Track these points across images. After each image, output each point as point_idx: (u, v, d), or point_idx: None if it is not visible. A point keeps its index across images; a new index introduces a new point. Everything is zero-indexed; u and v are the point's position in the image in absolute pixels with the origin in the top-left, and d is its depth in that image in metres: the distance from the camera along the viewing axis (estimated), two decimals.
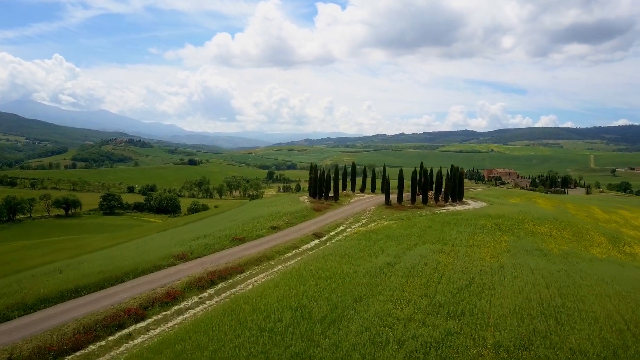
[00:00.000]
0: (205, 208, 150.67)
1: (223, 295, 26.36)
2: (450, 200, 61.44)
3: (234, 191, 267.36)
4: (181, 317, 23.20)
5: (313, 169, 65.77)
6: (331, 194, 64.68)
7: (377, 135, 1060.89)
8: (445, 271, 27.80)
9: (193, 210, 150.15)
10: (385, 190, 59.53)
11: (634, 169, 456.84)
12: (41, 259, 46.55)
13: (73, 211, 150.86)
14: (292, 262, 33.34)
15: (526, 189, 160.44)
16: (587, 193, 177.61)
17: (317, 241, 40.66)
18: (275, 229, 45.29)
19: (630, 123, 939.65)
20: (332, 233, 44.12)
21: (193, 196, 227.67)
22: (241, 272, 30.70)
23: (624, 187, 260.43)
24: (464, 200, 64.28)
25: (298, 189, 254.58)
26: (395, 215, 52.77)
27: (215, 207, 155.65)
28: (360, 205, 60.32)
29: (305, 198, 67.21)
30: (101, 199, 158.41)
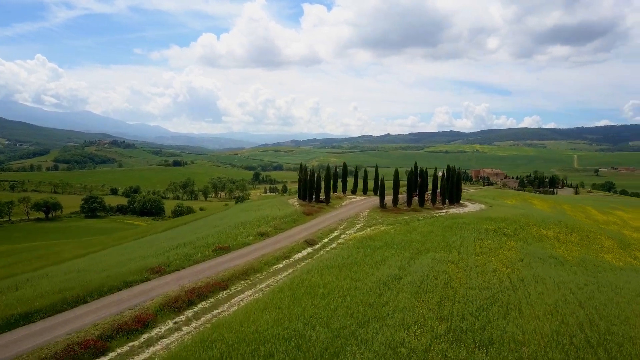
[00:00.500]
0: (190, 210, 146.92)
1: (203, 318, 22.41)
2: (447, 202, 58.24)
3: (219, 193, 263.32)
4: (151, 349, 19.21)
5: (303, 169, 62.00)
6: (322, 196, 60.98)
7: (363, 136, 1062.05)
8: (459, 286, 24.29)
9: (177, 212, 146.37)
10: (380, 192, 56.04)
11: (616, 168, 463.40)
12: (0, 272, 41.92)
13: (54, 214, 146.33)
14: (282, 275, 29.51)
15: (515, 189, 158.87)
16: (576, 193, 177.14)
17: (309, 250, 36.88)
18: (263, 235, 41.38)
19: (612, 124, 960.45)
20: (326, 240, 40.38)
21: (178, 198, 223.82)
22: (225, 289, 26.77)
23: (608, 187, 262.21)
24: (461, 202, 61.15)
25: (285, 190, 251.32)
26: (392, 219, 49.27)
27: (201, 209, 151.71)
28: (354, 209, 56.71)
29: (294, 201, 63.37)
30: (83, 202, 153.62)
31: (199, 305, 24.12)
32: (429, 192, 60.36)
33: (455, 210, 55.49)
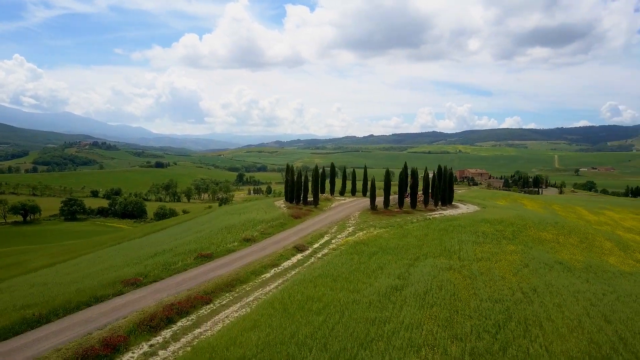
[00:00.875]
0: (172, 212, 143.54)
1: (183, 340, 19.71)
2: (440, 203, 56.30)
3: (202, 194, 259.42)
4: None
5: (289, 170, 59.40)
6: (310, 198, 58.47)
7: (347, 137, 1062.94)
8: (468, 298, 22.10)
9: (160, 214, 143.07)
10: (371, 193, 53.77)
11: (595, 168, 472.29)
12: None
13: (32, 217, 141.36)
14: (272, 286, 26.93)
15: (500, 189, 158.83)
16: (560, 193, 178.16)
17: (299, 256, 34.33)
18: (249, 241, 38.67)
19: (591, 124, 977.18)
20: (316, 245, 37.88)
21: (160, 200, 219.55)
22: (207, 303, 24.07)
23: (589, 187, 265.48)
24: (453, 203, 59.30)
25: (269, 191, 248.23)
26: (384, 222, 47.04)
27: (184, 211, 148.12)
28: (344, 211, 54.34)
29: (281, 203, 60.72)
30: (62, 204, 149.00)
31: (179, 324, 21.40)
32: (421, 193, 58.39)
33: (449, 211, 53.59)
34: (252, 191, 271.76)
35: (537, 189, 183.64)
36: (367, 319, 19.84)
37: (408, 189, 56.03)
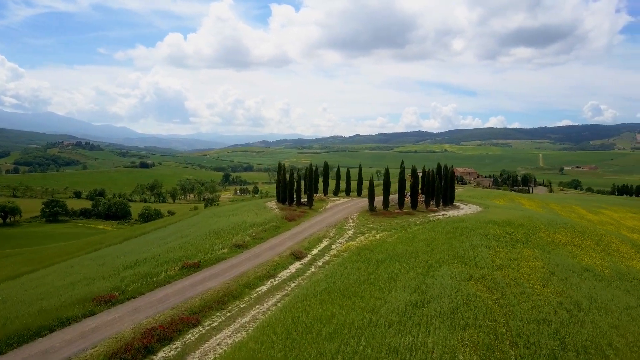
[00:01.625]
0: (157, 213, 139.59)
1: None
2: (442, 204, 53.20)
3: (188, 195, 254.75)
4: None
5: (281, 169, 55.66)
6: (304, 199, 54.85)
7: (333, 137, 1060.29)
8: (504, 317, 18.81)
9: (144, 215, 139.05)
10: (369, 193, 50.34)
11: (579, 167, 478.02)
12: None
13: (12, 219, 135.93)
14: (270, 302, 23.28)
15: (489, 188, 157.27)
16: (550, 191, 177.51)
17: (298, 265, 30.72)
18: (240, 247, 34.90)
19: (573, 123, 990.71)
20: (315, 251, 34.28)
21: (145, 201, 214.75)
22: (195, 325, 20.34)
23: (575, 185, 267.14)
24: (454, 203, 56.25)
25: (256, 191, 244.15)
26: (385, 225, 43.71)
27: (169, 212, 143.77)
28: (340, 212, 50.87)
29: (272, 204, 56.96)
30: (43, 206, 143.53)
31: (160, 354, 17.65)
32: (421, 194, 55.16)
33: (451, 212, 50.51)
34: (238, 191, 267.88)
35: (527, 188, 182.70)
36: (389, 346, 16.40)
37: (407, 188, 52.81)
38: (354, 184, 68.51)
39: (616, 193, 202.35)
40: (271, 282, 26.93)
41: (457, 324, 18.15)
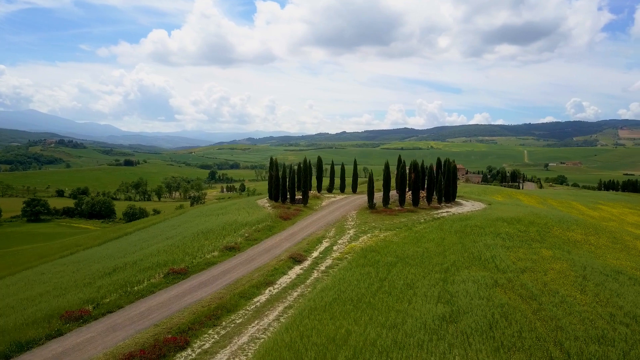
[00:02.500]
0: (142, 211, 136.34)
1: None
2: (444, 200, 50.37)
3: (173, 193, 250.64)
4: None
5: (274, 165, 52.21)
6: (298, 196, 51.53)
7: (319, 134, 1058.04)
8: (554, 335, 15.81)
9: (129, 214, 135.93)
10: (369, 190, 47.24)
11: (564, 163, 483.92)
12: None
13: None
14: (270, 317, 19.98)
15: (479, 184, 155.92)
16: (540, 187, 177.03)
17: (298, 270, 27.44)
18: (232, 250, 31.50)
19: (557, 120, 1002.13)
20: (316, 254, 31.05)
21: (130, 199, 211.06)
22: (183, 348, 16.97)
23: (561, 181, 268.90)
24: (456, 200, 53.51)
25: (243, 189, 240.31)
26: (388, 223, 40.67)
27: (154, 210, 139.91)
28: (337, 210, 47.70)
29: (264, 202, 53.54)
30: (25, 205, 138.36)
31: None
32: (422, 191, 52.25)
33: (455, 209, 47.72)
34: (225, 189, 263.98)
35: (517, 184, 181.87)
36: None
37: (407, 185, 49.84)
38: (348, 180, 65.53)
39: (602, 188, 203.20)
40: (270, 290, 23.62)
41: (499, 344, 15.13)
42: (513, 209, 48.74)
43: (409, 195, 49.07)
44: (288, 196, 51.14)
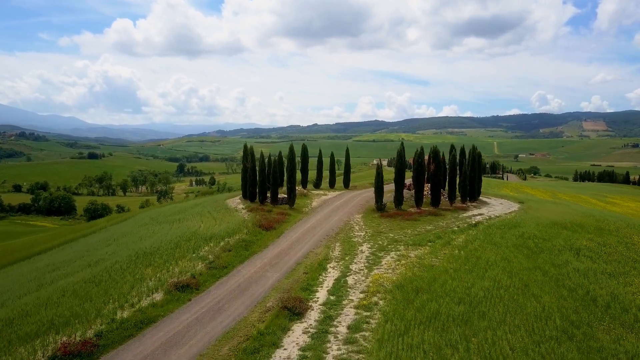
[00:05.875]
0: (105, 207, 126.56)
1: None
2: (468, 198, 39.52)
3: (140, 187, 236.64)
4: None
5: (249, 155, 39.94)
6: (282, 195, 39.67)
7: (291, 126, 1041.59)
8: None
9: (90, 210, 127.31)
10: (377, 186, 35.71)
11: (533, 154, 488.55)
12: None
13: None
14: None
15: None
16: (524, 179, 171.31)
17: (299, 334, 15.55)
18: (185, 290, 19.39)
19: (523, 112, 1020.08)
20: (322, 295, 19.21)
21: (93, 194, 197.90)
22: None
23: (534, 172, 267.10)
24: (481, 198, 42.72)
25: (213, 182, 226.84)
26: (411, 233, 29.31)
27: (118, 206, 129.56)
28: (335, 213, 36.06)
29: (237, 202, 41.34)
30: None
31: None
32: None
33: (486, 210, 36.89)
34: (194, 182, 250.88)
35: (500, 176, 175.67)
36: None
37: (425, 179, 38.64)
38: (340, 173, 54.13)
39: (579, 179, 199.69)
40: None
41: None
42: (554, 208, 38.57)
43: (426, 191, 37.93)
44: (268, 195, 39.14)
